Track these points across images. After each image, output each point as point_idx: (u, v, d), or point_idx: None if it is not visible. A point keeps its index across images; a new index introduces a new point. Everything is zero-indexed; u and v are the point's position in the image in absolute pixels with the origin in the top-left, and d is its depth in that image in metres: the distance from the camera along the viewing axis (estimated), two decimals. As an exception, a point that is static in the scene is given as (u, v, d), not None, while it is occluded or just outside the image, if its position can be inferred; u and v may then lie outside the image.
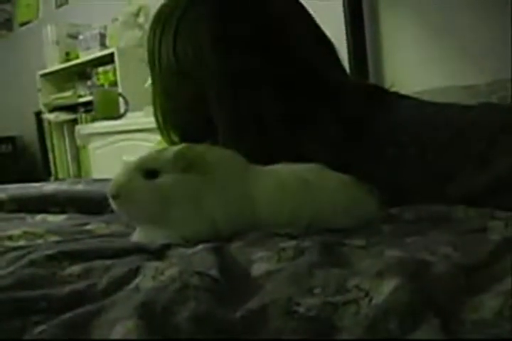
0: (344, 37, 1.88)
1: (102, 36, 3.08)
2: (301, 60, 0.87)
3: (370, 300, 0.41)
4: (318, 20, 0.93)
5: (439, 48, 1.81)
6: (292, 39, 0.88)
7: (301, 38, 0.90)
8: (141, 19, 2.75)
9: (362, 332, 0.36)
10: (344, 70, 0.97)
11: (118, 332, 0.38)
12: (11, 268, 0.56)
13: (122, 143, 2.44)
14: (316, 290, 0.44)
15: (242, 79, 0.84)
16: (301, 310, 0.40)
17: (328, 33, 0.94)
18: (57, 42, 3.43)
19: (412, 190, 0.78)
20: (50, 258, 0.59)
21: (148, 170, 0.68)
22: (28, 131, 3.93)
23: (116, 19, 2.91)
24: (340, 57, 0.95)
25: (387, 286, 0.42)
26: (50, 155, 3.55)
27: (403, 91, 0.94)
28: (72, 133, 3.12)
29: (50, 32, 3.42)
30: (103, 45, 3.07)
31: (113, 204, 0.68)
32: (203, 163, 0.68)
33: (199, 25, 0.85)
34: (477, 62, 1.70)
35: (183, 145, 0.71)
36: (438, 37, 1.81)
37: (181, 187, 0.68)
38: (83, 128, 2.75)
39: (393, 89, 0.95)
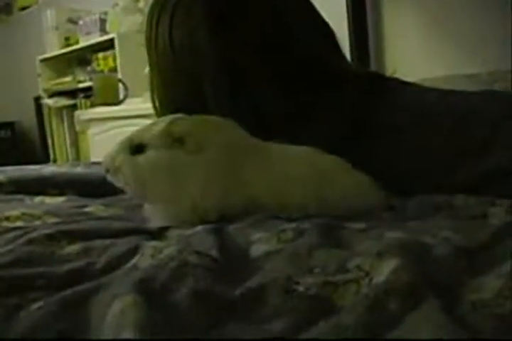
0: (346, 25, 1.87)
1: (102, 21, 3.06)
2: (300, 47, 0.86)
3: (371, 280, 0.40)
4: (319, 8, 0.92)
5: (440, 37, 1.80)
6: (291, 27, 0.87)
7: (301, 25, 0.88)
8: (141, 4, 2.73)
9: (362, 311, 0.36)
10: (345, 58, 0.96)
11: (116, 307, 0.38)
12: (9, 247, 0.56)
13: (121, 129, 2.43)
14: (316, 270, 0.44)
15: (238, 68, 0.83)
16: (301, 288, 0.40)
17: (329, 21, 0.93)
18: (57, 28, 3.41)
19: (412, 177, 0.78)
20: (49, 237, 0.58)
21: (136, 145, 0.67)
22: (27, 117, 3.92)
23: (117, 4, 2.89)
24: (341, 45, 0.94)
25: (388, 266, 0.41)
26: (49, 141, 3.54)
27: (405, 79, 0.93)
28: (71, 118, 3.11)
29: (49, 17, 3.40)
30: (103, 31, 3.05)
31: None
32: (192, 139, 0.65)
33: (194, 11, 0.84)
34: (479, 52, 1.69)
35: (176, 117, 0.68)
36: (440, 26, 1.80)
37: (161, 164, 0.65)
38: (82, 114, 2.74)
39: (395, 76, 0.95)
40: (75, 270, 0.50)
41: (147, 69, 0.95)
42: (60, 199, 0.90)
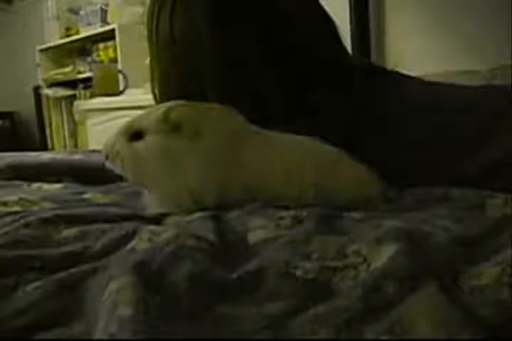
0: (348, 19, 1.87)
1: (103, 12, 3.05)
2: (301, 39, 0.86)
3: (369, 265, 0.40)
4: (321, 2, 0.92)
5: (441, 32, 1.79)
6: (291, 19, 0.86)
7: (301, 17, 0.88)
8: (143, -5, 2.72)
9: (360, 295, 0.36)
10: (346, 50, 0.95)
11: (112, 288, 0.38)
12: (5, 229, 0.56)
13: (120, 120, 2.41)
14: (314, 255, 0.43)
15: (239, 59, 0.83)
16: (299, 272, 0.40)
17: (331, 15, 0.92)
18: (58, 17, 3.39)
19: (409, 170, 0.78)
20: (46, 221, 0.58)
21: (135, 131, 0.66)
22: (26, 107, 3.91)
23: (118, -5, 2.88)
24: (342, 37, 0.94)
25: (386, 252, 0.41)
26: (48, 131, 3.53)
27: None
28: (70, 109, 3.10)
29: (50, 6, 3.38)
30: (104, 21, 3.04)
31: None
32: (190, 125, 0.64)
33: (194, 2, 0.84)
34: (479, 47, 1.69)
35: (175, 103, 0.68)
36: (441, 21, 1.80)
37: (159, 150, 0.64)
38: (82, 104, 2.73)
39: (396, 70, 0.94)
40: (71, 253, 0.50)
41: (148, 60, 0.94)
42: (58, 185, 0.90)
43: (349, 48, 1.53)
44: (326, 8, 0.92)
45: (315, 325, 0.34)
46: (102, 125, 2.57)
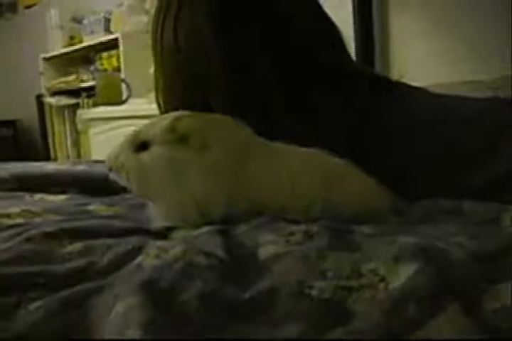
0: (351, 29, 1.86)
1: (107, 21, 3.05)
2: (305, 45, 0.85)
3: (387, 285, 0.39)
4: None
5: (446, 42, 1.79)
6: (295, 25, 0.86)
7: (305, 23, 0.87)
8: (147, 5, 2.72)
9: (380, 317, 0.34)
10: (350, 57, 0.95)
11: (120, 307, 0.36)
12: (8, 244, 0.54)
13: (123, 129, 2.42)
14: (328, 274, 0.42)
15: (243, 66, 0.82)
16: (314, 292, 0.38)
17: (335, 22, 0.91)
18: (61, 26, 3.40)
19: (414, 183, 0.76)
20: (49, 235, 0.56)
21: (141, 142, 0.65)
22: (29, 115, 3.91)
23: (121, 4, 2.88)
24: (347, 45, 0.93)
25: (405, 271, 0.40)
26: (50, 140, 3.53)
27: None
28: (73, 117, 3.10)
29: (54, 16, 3.39)
30: (107, 30, 3.04)
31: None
32: (197, 136, 0.63)
33: (198, 10, 0.83)
34: (485, 57, 1.68)
35: (181, 113, 0.67)
36: (446, 31, 1.79)
37: (165, 161, 0.63)
38: (85, 113, 2.73)
39: (402, 81, 0.93)
40: (76, 269, 0.48)
41: (152, 69, 0.94)
42: (62, 197, 0.88)
43: (353, 57, 1.52)
44: (330, 15, 0.91)
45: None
46: (104, 134, 2.56)
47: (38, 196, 0.89)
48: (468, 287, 0.39)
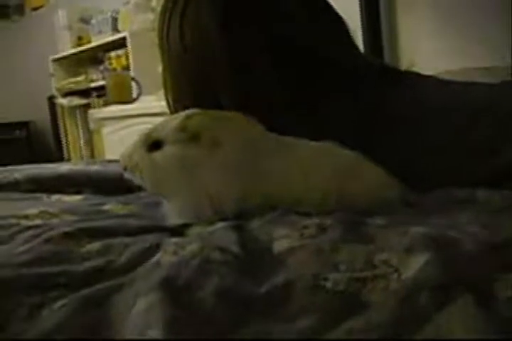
0: (359, 18, 1.85)
1: (114, 20, 3.06)
2: (307, 44, 0.85)
3: (399, 276, 0.39)
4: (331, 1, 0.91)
5: (455, 29, 1.77)
6: (302, 20, 0.86)
7: (311, 19, 0.87)
8: (153, 2, 2.73)
9: (393, 307, 0.35)
10: (358, 49, 0.94)
11: (141, 305, 0.37)
12: (28, 245, 0.55)
13: (135, 128, 2.43)
14: (342, 266, 0.43)
15: (244, 67, 0.83)
16: (329, 284, 0.39)
17: (342, 14, 0.91)
18: (69, 27, 3.42)
19: (426, 172, 0.76)
20: (68, 235, 0.58)
21: (153, 142, 0.66)
22: (41, 116, 3.94)
23: (128, 2, 2.89)
24: (354, 37, 0.93)
25: (417, 261, 0.40)
26: (64, 140, 3.56)
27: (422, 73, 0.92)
28: (85, 117, 3.12)
29: (61, 17, 3.41)
30: (115, 29, 3.05)
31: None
32: (208, 134, 0.64)
33: (204, 9, 0.83)
34: (495, 44, 1.67)
35: (192, 112, 0.67)
36: (454, 18, 1.78)
37: (178, 160, 0.64)
38: (96, 113, 2.74)
39: (412, 70, 0.93)
40: (95, 268, 0.49)
41: (160, 68, 0.94)
42: (78, 197, 0.89)
43: (361, 46, 1.51)
44: (337, 8, 0.91)
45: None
46: (117, 133, 2.58)
47: (55, 197, 0.90)
48: (481, 277, 0.39)
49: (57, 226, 0.62)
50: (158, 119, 0.72)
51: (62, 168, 1.08)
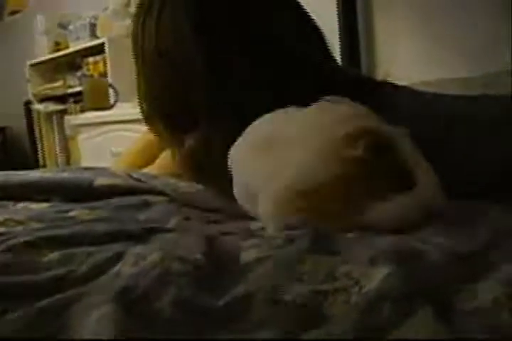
0: (336, 27, 1.86)
1: (93, 26, 3.04)
2: (288, 48, 0.85)
3: (361, 289, 0.39)
4: (308, 9, 0.91)
5: (433, 39, 1.79)
6: (277, 28, 0.86)
7: (287, 26, 0.87)
8: (132, 9, 2.71)
9: (355, 319, 0.34)
10: (334, 59, 0.95)
11: (93, 317, 0.36)
12: (-13, 255, 0.54)
13: (112, 134, 2.41)
14: (304, 278, 0.42)
15: (222, 68, 0.82)
16: (288, 297, 0.38)
17: (319, 22, 0.91)
18: (47, 32, 3.39)
19: None
20: (29, 244, 0.56)
21: None
22: (17, 122, 3.88)
23: (107, 9, 2.88)
24: (330, 47, 0.93)
25: (378, 274, 0.40)
26: (39, 146, 3.51)
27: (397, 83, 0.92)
28: (61, 123, 3.09)
29: (39, 22, 3.38)
30: (93, 35, 3.03)
31: None
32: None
33: (179, 14, 0.83)
34: (472, 54, 1.68)
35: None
36: (432, 28, 1.79)
37: None
38: (73, 119, 2.72)
39: (387, 80, 0.94)
40: (55, 277, 0.48)
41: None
42: (45, 204, 0.88)
43: (338, 56, 1.52)
44: (313, 16, 0.91)
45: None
46: (93, 139, 2.55)
47: (21, 204, 0.88)
48: (443, 288, 0.39)
49: (18, 235, 0.61)
50: (136, 126, 0.71)
51: (32, 175, 1.06)
